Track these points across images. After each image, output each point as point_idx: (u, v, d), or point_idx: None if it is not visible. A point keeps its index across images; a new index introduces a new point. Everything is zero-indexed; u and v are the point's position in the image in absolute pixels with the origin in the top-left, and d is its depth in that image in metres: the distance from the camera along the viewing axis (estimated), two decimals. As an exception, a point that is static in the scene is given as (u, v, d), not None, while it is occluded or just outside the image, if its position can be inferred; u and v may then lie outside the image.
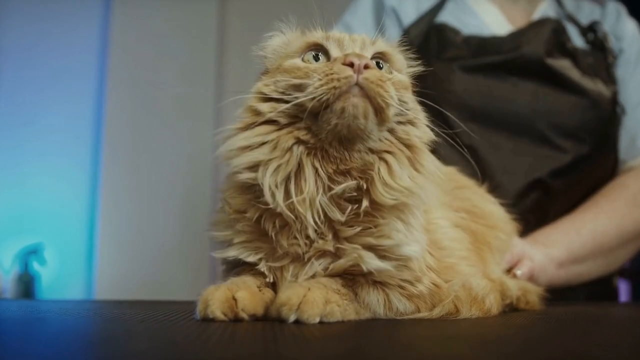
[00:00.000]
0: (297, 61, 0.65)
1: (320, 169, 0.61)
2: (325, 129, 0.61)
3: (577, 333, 0.58)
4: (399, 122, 0.64)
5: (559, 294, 1.05)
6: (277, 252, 0.63)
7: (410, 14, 1.24)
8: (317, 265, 0.62)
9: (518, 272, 0.88)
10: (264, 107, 0.63)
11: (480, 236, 0.79)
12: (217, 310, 0.59)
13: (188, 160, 2.32)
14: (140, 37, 2.33)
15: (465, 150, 1.10)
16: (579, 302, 1.09)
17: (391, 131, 0.63)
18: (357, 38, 0.66)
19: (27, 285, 2.08)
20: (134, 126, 2.30)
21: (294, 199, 0.60)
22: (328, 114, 0.60)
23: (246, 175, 0.62)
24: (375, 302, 0.63)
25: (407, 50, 0.73)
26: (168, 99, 2.33)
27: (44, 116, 2.26)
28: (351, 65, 0.60)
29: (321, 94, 0.59)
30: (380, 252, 0.62)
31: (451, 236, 0.74)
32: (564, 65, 1.13)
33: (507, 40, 1.15)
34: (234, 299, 0.59)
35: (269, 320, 0.60)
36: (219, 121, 2.39)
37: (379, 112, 0.61)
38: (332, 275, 0.63)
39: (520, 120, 1.12)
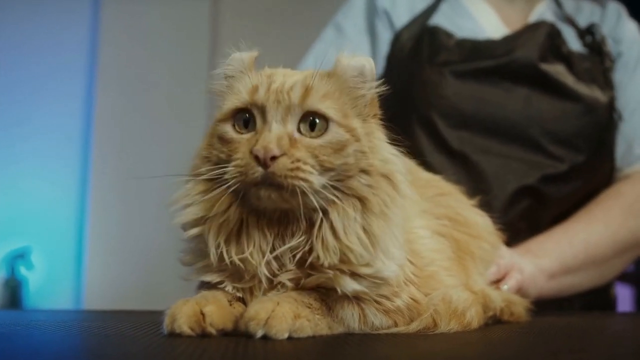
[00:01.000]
0: (227, 128, 0.64)
1: (265, 229, 0.63)
2: (253, 204, 0.62)
3: (555, 348, 0.58)
4: (342, 179, 0.62)
5: (553, 304, 1.05)
6: (243, 275, 0.64)
7: (402, 16, 1.24)
8: (287, 282, 0.63)
9: (504, 287, 0.87)
10: (204, 168, 0.65)
11: (463, 245, 0.79)
12: (184, 324, 0.59)
13: (180, 161, 2.33)
14: (131, 35, 2.34)
15: (455, 156, 1.11)
16: (572, 312, 1.09)
17: (336, 188, 0.62)
18: (283, 98, 0.62)
19: (13, 290, 2.09)
20: (125, 127, 2.31)
21: (235, 257, 0.63)
22: (249, 197, 0.62)
23: (192, 232, 0.66)
24: (349, 317, 0.63)
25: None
26: (159, 100, 2.34)
27: (32, 117, 2.27)
28: (257, 158, 0.59)
29: (234, 183, 0.61)
30: (356, 275, 0.63)
31: (431, 246, 0.74)
32: (558, 70, 1.13)
33: (500, 44, 1.15)
34: (202, 313, 0.60)
35: (239, 335, 0.60)
36: (211, 122, 2.40)
37: (299, 194, 0.60)
38: (304, 289, 0.63)
39: (512, 127, 1.12)
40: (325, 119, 0.62)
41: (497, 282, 0.88)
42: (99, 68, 2.31)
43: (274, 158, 0.59)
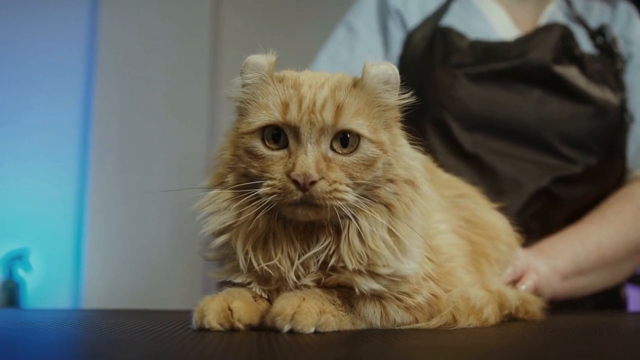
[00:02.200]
0: (257, 144, 0.67)
1: (293, 237, 0.67)
2: (286, 217, 0.67)
3: (575, 343, 0.62)
4: (371, 189, 0.67)
5: (565, 304, 1.10)
6: (270, 279, 0.69)
7: (414, 16, 1.28)
8: (310, 284, 0.68)
9: (522, 287, 0.92)
10: (230, 178, 0.69)
11: (478, 247, 0.84)
12: (213, 320, 0.64)
13: (181, 161, 2.36)
14: (131, 31, 2.36)
15: (469, 158, 1.16)
16: (585, 312, 1.14)
17: (365, 197, 0.67)
18: (316, 119, 0.65)
19: (11, 292, 2.12)
20: (124, 125, 2.33)
21: (263, 264, 0.67)
22: (283, 211, 0.67)
23: (219, 240, 0.70)
24: (371, 314, 0.68)
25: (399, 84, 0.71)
26: (160, 97, 2.36)
27: (28, 114, 2.28)
28: (297, 182, 0.63)
29: (271, 201, 0.65)
30: (374, 274, 0.68)
31: (451, 242, 0.79)
32: (571, 72, 1.18)
33: (513, 46, 1.20)
34: (230, 309, 0.65)
35: (265, 330, 0.65)
36: (212, 120, 2.43)
37: (335, 210, 0.65)
38: (326, 287, 0.68)
39: (525, 129, 1.16)
40: (357, 136, 0.67)
41: (513, 282, 0.93)
42: (98, 64, 2.33)
43: (312, 182, 0.64)
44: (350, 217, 0.66)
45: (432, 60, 1.22)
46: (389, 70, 0.70)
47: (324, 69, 1.26)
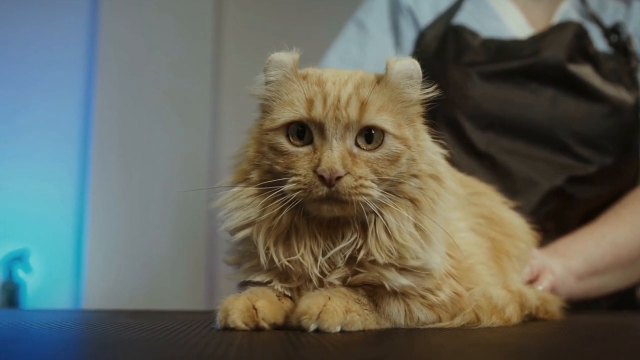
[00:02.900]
0: (281, 140, 0.69)
1: (316, 232, 0.69)
2: (310, 214, 0.69)
3: (600, 342, 0.64)
4: (395, 184, 0.69)
5: (580, 304, 1.12)
6: (291, 276, 0.70)
7: (427, 14, 1.30)
8: (335, 281, 0.69)
9: (539, 288, 0.94)
10: (254, 175, 0.71)
11: (498, 244, 0.86)
12: (237, 319, 0.65)
13: (183, 159, 2.37)
14: (132, 27, 2.36)
15: (482, 158, 1.17)
16: (602, 312, 1.15)
17: (390, 192, 0.68)
18: (341, 115, 0.67)
19: (11, 294, 2.13)
20: (125, 123, 2.33)
21: (284, 260, 0.69)
22: (308, 207, 0.68)
23: (240, 234, 0.71)
24: (395, 313, 0.70)
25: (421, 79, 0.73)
26: (162, 95, 2.37)
27: (28, 112, 2.28)
28: (322, 178, 0.65)
29: (296, 197, 0.67)
30: (402, 270, 0.69)
31: (470, 240, 0.81)
32: (585, 71, 1.19)
33: (527, 45, 1.22)
34: (255, 308, 0.66)
35: (290, 329, 0.66)
36: (215, 118, 2.44)
37: (361, 205, 0.66)
38: (351, 286, 0.69)
39: (539, 128, 1.18)
40: (382, 131, 0.68)
41: (530, 282, 0.94)
42: (99, 61, 2.33)
43: (338, 178, 0.65)
44: (376, 212, 0.67)
45: (445, 59, 1.23)
46: (412, 65, 0.72)
47: (334, 66, 1.27)
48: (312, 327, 0.63)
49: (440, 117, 1.21)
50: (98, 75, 2.33)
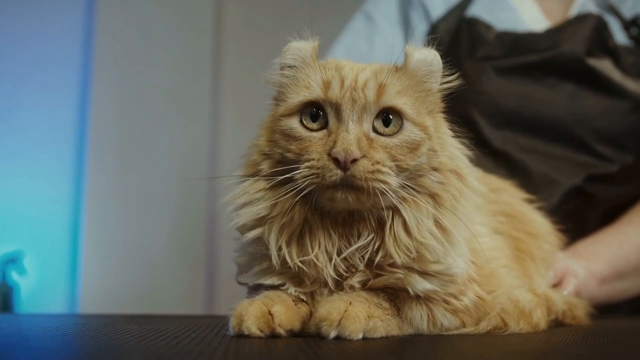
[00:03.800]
0: (294, 124, 0.67)
1: (330, 229, 0.66)
2: (324, 206, 0.66)
3: (630, 347, 0.62)
4: (415, 177, 0.66)
5: (601, 309, 1.09)
6: (304, 279, 0.67)
7: (438, 6, 1.27)
8: (355, 284, 0.66)
9: (564, 293, 0.92)
10: (265, 165, 0.68)
11: (521, 244, 0.83)
12: (252, 326, 0.62)
13: (182, 159, 2.35)
14: (130, 23, 2.34)
15: (498, 156, 1.15)
16: (624, 317, 1.13)
17: (409, 186, 0.65)
18: (358, 96, 0.65)
19: (4, 297, 2.10)
20: (123, 122, 2.32)
21: (297, 260, 0.65)
22: (320, 198, 0.65)
23: (252, 234, 0.68)
24: (418, 318, 0.67)
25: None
26: (160, 92, 2.35)
27: (22, 110, 2.27)
28: (337, 161, 0.62)
29: (308, 185, 0.64)
30: (426, 274, 0.66)
31: (490, 245, 0.78)
32: (605, 65, 1.17)
33: (544, 38, 1.19)
34: (270, 313, 0.63)
35: (307, 336, 0.64)
36: (215, 117, 2.42)
37: (378, 195, 0.63)
38: (371, 290, 0.67)
39: (557, 125, 1.16)
40: (400, 116, 0.66)
41: (553, 287, 0.92)
42: (95, 57, 2.31)
43: (354, 161, 0.62)
44: (393, 207, 0.64)
45: (458, 53, 1.21)
46: (431, 54, 0.70)
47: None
48: (333, 334, 0.61)
49: (454, 114, 1.19)
50: (94, 72, 2.31)
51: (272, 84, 0.72)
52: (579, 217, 1.15)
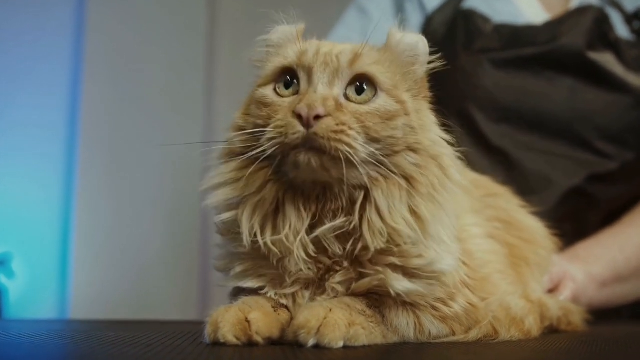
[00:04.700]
0: (267, 92, 0.67)
1: (302, 208, 0.64)
2: (289, 176, 0.64)
3: (626, 355, 0.60)
4: (389, 154, 0.64)
5: (600, 313, 1.08)
6: (285, 279, 0.65)
7: (434, -3, 1.26)
8: (338, 286, 0.64)
9: (560, 298, 0.90)
10: (237, 141, 0.67)
11: (517, 250, 0.82)
12: (228, 333, 0.60)
13: (175, 159, 2.34)
14: (122, 18, 2.34)
15: (495, 153, 1.13)
16: (624, 322, 1.12)
17: (381, 163, 0.63)
18: (331, 60, 0.65)
19: (-8, 301, 2.10)
20: (114, 121, 2.31)
21: (268, 238, 0.64)
22: (286, 165, 0.63)
23: (226, 215, 0.67)
24: (404, 326, 0.65)
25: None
26: (153, 91, 2.34)
27: (10, 109, 2.27)
28: (300, 117, 0.61)
29: (273, 149, 0.62)
30: (409, 271, 0.64)
31: (485, 247, 0.76)
32: (606, 59, 1.16)
33: (543, 30, 1.18)
34: (247, 320, 0.61)
35: (287, 344, 0.62)
36: (209, 115, 2.41)
37: (342, 161, 0.61)
38: (355, 295, 0.65)
39: (556, 121, 1.15)
40: (374, 86, 0.65)
41: (550, 292, 0.91)
42: (86, 54, 2.31)
43: (317, 118, 0.61)
44: (362, 185, 0.63)
45: (454, 46, 1.20)
46: (417, 38, 0.70)
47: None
48: (311, 342, 0.59)
49: (449, 109, 1.17)
50: (85, 70, 2.30)
51: (256, 61, 0.72)
52: (578, 219, 1.14)
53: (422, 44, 0.69)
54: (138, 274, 2.27)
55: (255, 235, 0.64)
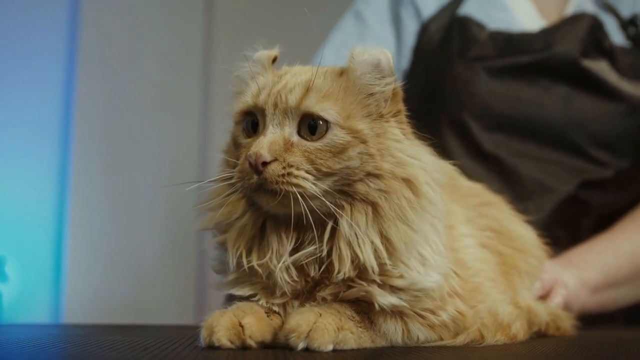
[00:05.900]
0: (238, 132, 0.73)
1: (283, 234, 0.69)
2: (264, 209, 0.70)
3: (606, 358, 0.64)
4: (348, 184, 0.67)
5: (594, 318, 1.12)
6: (274, 289, 0.70)
7: (430, 4, 1.30)
8: (327, 296, 0.69)
9: (551, 304, 0.95)
10: (225, 169, 0.75)
11: (508, 259, 0.86)
12: (223, 337, 0.66)
13: (171, 160, 2.37)
14: (117, 17, 2.35)
15: (489, 160, 1.18)
16: (615, 326, 1.16)
17: (342, 192, 0.68)
18: (280, 100, 0.68)
19: (-15, 304, 2.12)
20: (109, 120, 2.32)
21: (255, 262, 0.69)
22: (257, 202, 0.70)
23: (220, 238, 0.74)
24: (392, 331, 0.70)
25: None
26: (148, 90, 2.35)
27: (2, 108, 2.28)
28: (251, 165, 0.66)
29: (238, 189, 0.69)
30: (393, 288, 0.69)
31: (477, 256, 0.81)
32: (600, 67, 1.20)
33: (537, 38, 1.22)
34: (241, 325, 0.66)
35: (279, 347, 0.67)
36: (206, 114, 2.44)
37: (296, 199, 0.66)
38: (344, 301, 0.70)
39: (551, 128, 1.19)
40: (326, 122, 0.68)
41: (541, 298, 0.95)
42: (80, 52, 2.32)
43: (265, 164, 0.66)
44: (323, 215, 0.67)
45: (449, 53, 1.24)
46: (379, 56, 0.70)
47: (330, 61, 1.28)
48: (301, 345, 0.64)
49: (444, 117, 1.21)
50: (79, 68, 2.31)
51: (235, 94, 0.77)
52: (571, 225, 1.18)
53: (384, 60, 0.70)
54: (133, 278, 2.29)
55: (240, 256, 0.70)
